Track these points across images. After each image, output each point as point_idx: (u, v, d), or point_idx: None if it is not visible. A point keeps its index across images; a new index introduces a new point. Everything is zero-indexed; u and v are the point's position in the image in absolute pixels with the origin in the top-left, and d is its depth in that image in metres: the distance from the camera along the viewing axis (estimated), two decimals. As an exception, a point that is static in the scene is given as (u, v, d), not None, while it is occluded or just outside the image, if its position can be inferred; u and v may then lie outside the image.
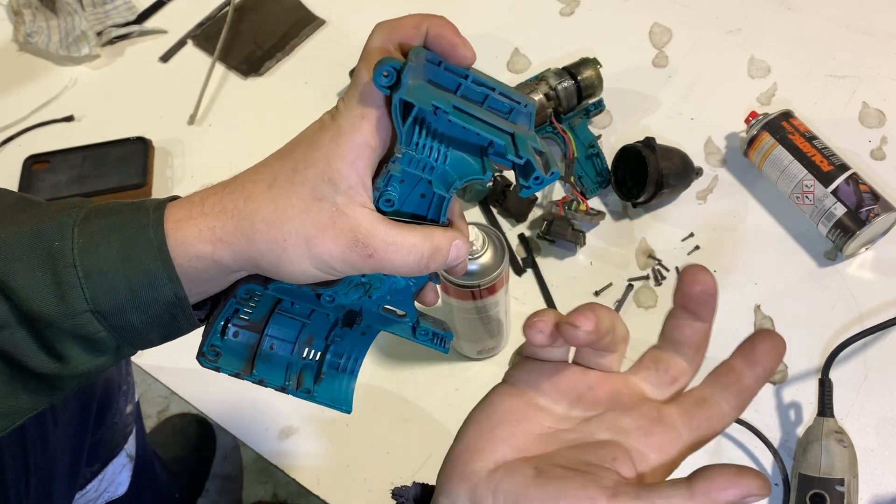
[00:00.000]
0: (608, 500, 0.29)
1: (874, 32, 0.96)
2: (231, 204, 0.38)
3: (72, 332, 0.37)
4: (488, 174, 0.39)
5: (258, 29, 1.06)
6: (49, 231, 0.37)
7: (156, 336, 0.40)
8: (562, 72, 0.88)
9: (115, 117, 1.00)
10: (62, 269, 0.37)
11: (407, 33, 0.37)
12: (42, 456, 0.66)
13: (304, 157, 0.37)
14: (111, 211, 0.39)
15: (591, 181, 0.85)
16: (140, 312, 0.38)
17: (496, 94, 0.38)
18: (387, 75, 0.35)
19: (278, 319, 0.43)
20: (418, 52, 0.36)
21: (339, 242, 0.37)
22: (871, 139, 0.87)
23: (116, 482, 0.88)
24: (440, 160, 0.38)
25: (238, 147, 0.96)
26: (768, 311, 0.77)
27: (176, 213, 0.38)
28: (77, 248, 0.37)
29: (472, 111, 0.37)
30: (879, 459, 0.69)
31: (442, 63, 0.37)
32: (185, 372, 0.81)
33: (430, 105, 0.35)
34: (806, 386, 0.73)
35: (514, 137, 0.37)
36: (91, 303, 0.37)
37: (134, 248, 0.37)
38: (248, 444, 0.76)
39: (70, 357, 0.38)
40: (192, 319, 0.40)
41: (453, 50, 0.37)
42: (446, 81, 0.37)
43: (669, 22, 1.00)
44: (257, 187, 0.38)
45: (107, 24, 1.07)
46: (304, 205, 0.37)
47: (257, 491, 1.31)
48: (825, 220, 0.77)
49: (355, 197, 0.37)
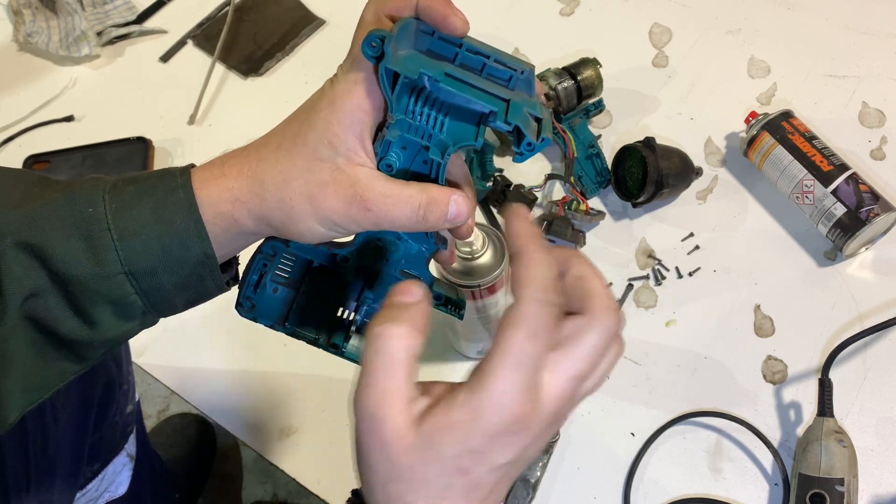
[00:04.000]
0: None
1: (874, 32, 0.96)
2: (246, 166, 0.41)
3: (105, 294, 0.39)
4: (480, 140, 0.40)
5: (258, 29, 1.06)
6: (81, 199, 0.39)
7: (182, 300, 0.42)
8: (562, 72, 0.88)
9: (115, 117, 1.00)
10: (97, 233, 0.38)
11: (398, 4, 0.39)
12: (43, 455, 0.67)
13: (306, 121, 0.40)
14: (138, 178, 0.41)
15: (591, 181, 0.85)
16: (170, 273, 0.40)
17: (492, 61, 0.39)
18: (374, 45, 0.37)
19: (314, 280, 0.46)
20: (407, 22, 0.38)
21: (340, 198, 0.39)
22: (871, 139, 0.87)
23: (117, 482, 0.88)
24: (437, 127, 0.39)
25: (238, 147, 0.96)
26: (768, 311, 0.77)
27: (200, 175, 0.41)
28: (110, 212, 0.39)
29: (468, 79, 0.38)
30: (879, 459, 0.69)
31: (435, 33, 0.38)
32: (185, 372, 0.81)
33: (416, 73, 0.36)
34: (806, 386, 0.73)
35: (508, 104, 0.38)
36: (125, 264, 0.39)
37: (166, 208, 0.39)
38: (248, 444, 0.76)
39: (101, 321, 0.40)
40: (219, 280, 0.42)
41: (444, 20, 0.38)
42: (442, 50, 0.39)
43: (669, 22, 1.00)
44: (267, 149, 0.41)
45: (107, 24, 1.07)
46: (307, 164, 0.39)
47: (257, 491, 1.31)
48: (825, 219, 0.77)
49: (354, 158, 0.39)
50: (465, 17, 0.38)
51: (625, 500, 0.69)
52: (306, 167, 0.39)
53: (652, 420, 0.73)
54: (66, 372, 0.42)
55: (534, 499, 0.70)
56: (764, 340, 0.76)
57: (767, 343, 0.76)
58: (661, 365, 0.75)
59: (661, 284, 0.80)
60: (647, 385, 0.75)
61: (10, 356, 0.39)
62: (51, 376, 0.41)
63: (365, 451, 0.34)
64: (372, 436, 0.34)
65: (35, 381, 0.41)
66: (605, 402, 0.74)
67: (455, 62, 0.39)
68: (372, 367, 0.34)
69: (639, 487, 0.70)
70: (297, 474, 0.74)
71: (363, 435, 0.34)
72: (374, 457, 0.34)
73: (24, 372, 0.40)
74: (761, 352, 0.75)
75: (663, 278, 0.80)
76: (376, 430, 0.33)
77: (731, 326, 0.77)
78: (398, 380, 0.33)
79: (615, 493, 0.70)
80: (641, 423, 0.73)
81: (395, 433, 0.33)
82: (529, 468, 0.70)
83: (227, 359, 0.80)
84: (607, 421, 0.73)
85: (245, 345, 0.82)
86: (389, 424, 0.33)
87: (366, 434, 0.34)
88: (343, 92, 0.39)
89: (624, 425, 0.73)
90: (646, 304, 0.79)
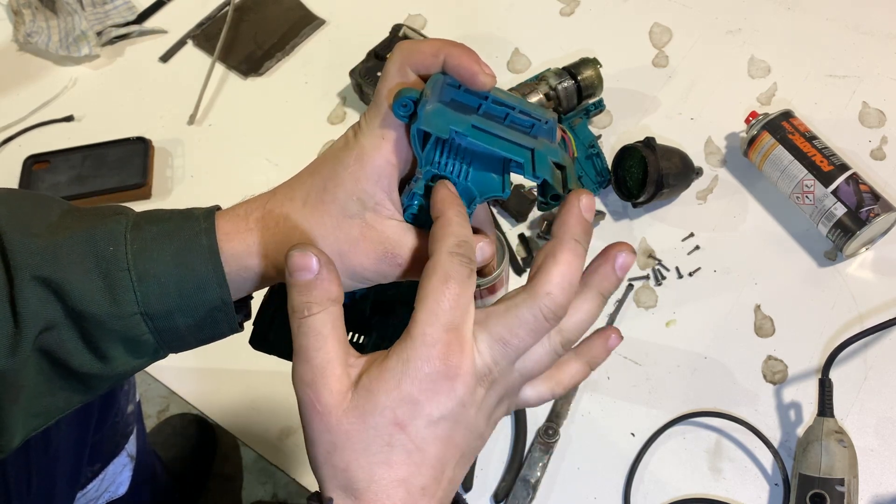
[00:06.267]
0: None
1: (874, 32, 0.96)
2: (272, 221, 0.40)
3: (120, 333, 0.39)
4: (507, 192, 0.40)
5: (258, 29, 1.06)
6: (102, 236, 0.39)
7: (195, 339, 0.42)
8: (562, 72, 0.88)
9: (115, 117, 1.00)
10: (116, 273, 0.38)
11: (425, 60, 0.39)
12: (44, 455, 0.67)
13: (332, 176, 0.39)
14: (160, 218, 0.41)
15: (591, 181, 0.85)
16: (186, 315, 0.40)
17: (516, 112, 0.39)
18: (405, 106, 0.37)
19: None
20: (436, 79, 0.38)
21: (370, 255, 0.39)
22: (871, 139, 0.87)
23: (117, 482, 0.88)
24: (462, 177, 0.39)
25: (238, 147, 0.96)
26: (768, 311, 0.77)
27: (224, 226, 0.41)
28: (131, 252, 0.39)
29: (493, 129, 0.38)
30: (879, 459, 0.69)
31: (462, 86, 0.39)
32: (185, 372, 0.81)
33: (447, 133, 0.37)
34: (806, 386, 0.73)
35: (533, 153, 0.38)
36: (142, 305, 0.39)
37: (187, 254, 0.39)
38: (248, 444, 0.76)
39: (113, 357, 0.40)
40: (234, 322, 0.42)
41: (473, 78, 0.38)
42: (468, 101, 0.39)
43: (669, 22, 1.00)
44: (294, 204, 0.40)
45: (107, 24, 1.07)
46: (336, 222, 0.39)
47: (257, 491, 1.31)
48: (825, 220, 0.77)
49: (383, 211, 0.39)
50: (492, 73, 0.39)
51: (625, 500, 0.69)
52: (336, 224, 0.39)
53: (652, 420, 0.73)
54: (71, 401, 0.42)
55: (534, 499, 0.70)
56: (764, 340, 0.76)
57: (767, 343, 0.76)
58: (661, 365, 0.75)
59: (662, 284, 0.80)
60: (647, 385, 0.75)
61: (21, 386, 0.39)
62: (57, 404, 0.42)
63: (307, 427, 0.35)
64: (312, 407, 0.35)
65: (41, 407, 0.41)
66: (605, 402, 0.74)
67: (479, 112, 0.39)
68: (301, 347, 0.35)
69: (639, 487, 0.70)
70: (297, 474, 0.74)
71: (304, 409, 0.35)
72: (316, 428, 0.35)
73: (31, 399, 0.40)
74: (761, 352, 0.75)
75: (663, 278, 0.80)
76: (318, 400, 0.34)
77: (731, 326, 0.77)
78: (329, 351, 0.35)
79: (615, 493, 0.70)
80: (641, 423, 0.73)
81: (334, 398, 0.34)
82: (529, 468, 0.71)
83: (227, 359, 0.80)
84: (607, 421, 0.73)
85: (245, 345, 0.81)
86: (326, 392, 0.34)
87: (307, 407, 0.35)
88: (371, 147, 0.38)
89: (624, 425, 0.73)
90: (646, 305, 0.79)
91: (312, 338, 0.35)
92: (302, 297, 0.35)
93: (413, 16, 1.04)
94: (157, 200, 0.93)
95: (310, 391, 0.35)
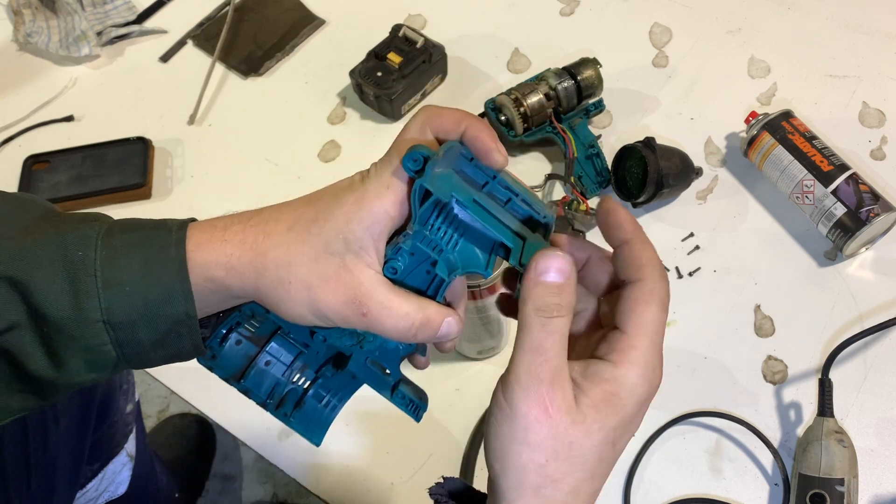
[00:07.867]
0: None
1: (874, 32, 0.96)
2: (251, 237, 0.40)
3: (80, 339, 0.38)
4: (489, 271, 0.40)
5: (258, 29, 1.06)
6: (73, 241, 0.39)
7: (158, 356, 0.41)
8: (562, 72, 0.88)
9: (115, 117, 1.00)
10: (82, 278, 0.38)
11: (446, 125, 0.40)
12: (43, 454, 0.67)
13: (326, 210, 0.39)
14: (133, 227, 0.40)
15: (591, 181, 0.85)
16: (149, 328, 0.39)
17: (518, 199, 0.40)
18: (416, 160, 0.38)
19: (279, 341, 0.45)
20: (452, 146, 0.39)
21: (339, 296, 0.39)
22: (871, 139, 0.87)
23: (117, 481, 0.88)
24: (450, 245, 0.40)
25: (238, 147, 0.96)
26: (768, 311, 0.77)
27: (197, 236, 0.40)
28: (100, 259, 0.38)
29: (492, 209, 0.39)
30: (879, 459, 0.69)
31: (474, 160, 0.39)
32: (186, 372, 0.81)
33: (448, 196, 0.37)
34: (806, 386, 0.73)
35: (524, 243, 0.39)
36: (105, 313, 0.38)
37: (155, 264, 0.39)
38: (248, 444, 0.76)
39: (69, 366, 0.39)
40: (198, 340, 0.41)
41: (487, 154, 0.39)
42: (475, 176, 0.40)
43: (669, 22, 1.00)
44: (278, 227, 0.40)
45: (107, 24, 1.07)
46: (315, 254, 0.39)
47: (257, 491, 1.31)
48: (825, 220, 0.77)
49: (364, 257, 0.39)
50: (505, 154, 0.40)
51: (625, 499, 0.69)
52: (314, 256, 0.39)
53: (652, 420, 0.73)
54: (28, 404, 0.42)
55: (534, 499, 0.70)
56: (764, 340, 0.76)
57: (767, 343, 0.76)
58: (661, 365, 0.75)
59: (661, 284, 0.80)
60: (647, 385, 0.75)
61: None
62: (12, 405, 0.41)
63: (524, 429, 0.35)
64: (543, 409, 0.35)
65: None
66: (605, 402, 0.74)
67: (483, 189, 0.39)
68: (543, 345, 0.35)
69: (639, 487, 0.70)
70: (297, 474, 0.74)
71: (529, 407, 0.35)
72: (539, 431, 0.35)
73: None
74: (761, 352, 0.75)
75: (663, 278, 0.80)
76: (551, 403, 0.35)
77: (731, 326, 0.77)
78: (565, 357, 0.36)
79: (615, 493, 0.70)
80: (642, 424, 0.73)
81: (566, 405, 0.35)
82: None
83: (227, 359, 0.80)
84: (607, 421, 0.73)
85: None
86: (560, 396, 0.35)
87: (534, 405, 0.35)
88: (374, 194, 0.38)
89: (624, 425, 0.73)
90: (646, 304, 0.79)
91: (558, 339, 0.36)
92: (553, 299, 0.36)
93: (413, 16, 1.04)
94: (157, 200, 0.93)
95: (544, 389, 0.35)
